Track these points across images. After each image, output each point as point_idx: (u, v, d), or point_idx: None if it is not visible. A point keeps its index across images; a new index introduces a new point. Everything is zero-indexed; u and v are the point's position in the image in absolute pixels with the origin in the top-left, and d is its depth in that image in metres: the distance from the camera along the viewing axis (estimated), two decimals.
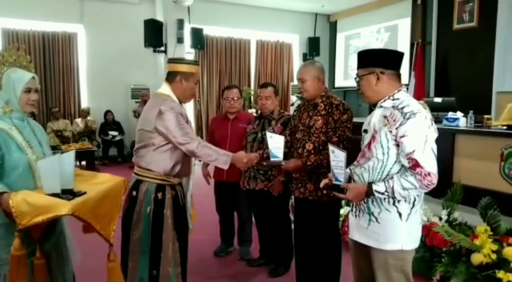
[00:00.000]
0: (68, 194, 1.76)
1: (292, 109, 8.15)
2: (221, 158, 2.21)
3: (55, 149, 1.99)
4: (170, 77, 2.30)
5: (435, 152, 1.74)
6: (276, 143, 2.52)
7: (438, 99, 5.03)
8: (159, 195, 2.19)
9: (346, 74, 9.90)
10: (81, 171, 2.05)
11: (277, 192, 2.99)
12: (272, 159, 2.53)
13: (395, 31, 8.49)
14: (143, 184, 2.18)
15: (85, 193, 1.79)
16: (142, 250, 2.17)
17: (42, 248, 1.83)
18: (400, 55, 1.92)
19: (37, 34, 7.86)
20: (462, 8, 6.80)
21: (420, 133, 1.71)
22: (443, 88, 7.18)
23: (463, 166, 3.66)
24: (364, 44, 9.16)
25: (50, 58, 8.04)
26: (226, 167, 2.24)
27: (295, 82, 11.34)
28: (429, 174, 1.69)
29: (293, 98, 8.57)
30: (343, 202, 3.88)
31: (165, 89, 2.29)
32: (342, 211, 3.88)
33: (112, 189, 1.90)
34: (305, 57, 10.11)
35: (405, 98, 1.82)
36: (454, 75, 7.11)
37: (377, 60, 1.87)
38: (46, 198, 1.68)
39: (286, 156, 2.65)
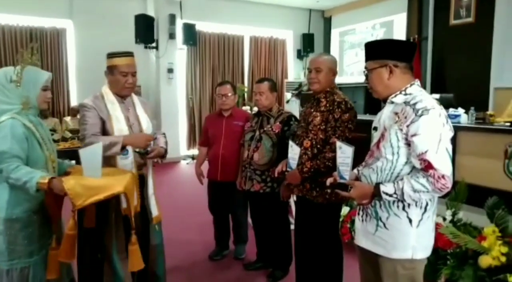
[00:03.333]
0: None
1: (286, 107, 8.01)
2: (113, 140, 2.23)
3: None
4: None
5: (450, 152, 1.58)
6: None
7: (436, 96, 4.92)
8: None
9: (341, 71, 9.78)
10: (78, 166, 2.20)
11: (285, 197, 2.86)
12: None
13: (391, 27, 8.37)
14: None
15: None
16: None
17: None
18: (414, 46, 1.79)
19: (24, 30, 7.58)
20: (459, 3, 6.68)
21: (433, 132, 1.55)
22: (439, 84, 7.06)
23: (466, 164, 3.55)
24: (359, 40, 9.04)
25: (37, 55, 7.79)
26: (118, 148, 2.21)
27: (290, 79, 11.14)
28: (443, 176, 1.53)
29: (288, 96, 8.43)
30: None
31: (105, 84, 2.41)
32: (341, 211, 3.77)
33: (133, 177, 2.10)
34: (299, 54, 9.97)
35: (418, 93, 1.67)
36: (451, 71, 7.00)
37: (390, 52, 1.71)
38: (98, 180, 1.84)
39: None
